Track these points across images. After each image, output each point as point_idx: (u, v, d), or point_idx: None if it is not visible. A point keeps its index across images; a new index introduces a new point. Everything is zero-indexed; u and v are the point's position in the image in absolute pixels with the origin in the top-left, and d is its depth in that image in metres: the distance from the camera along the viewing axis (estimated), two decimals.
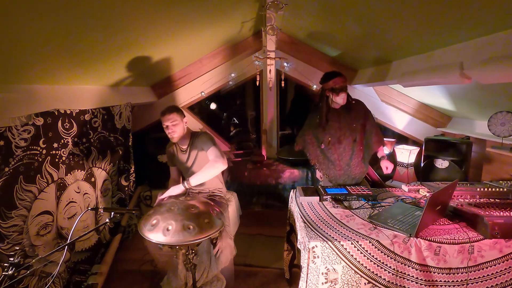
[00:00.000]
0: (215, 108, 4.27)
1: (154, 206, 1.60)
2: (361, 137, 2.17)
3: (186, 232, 1.29)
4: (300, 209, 1.73)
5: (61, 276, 1.90)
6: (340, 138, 2.14)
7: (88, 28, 1.42)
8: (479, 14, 1.36)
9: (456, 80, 1.72)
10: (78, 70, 1.89)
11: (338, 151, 2.16)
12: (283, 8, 2.17)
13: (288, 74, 3.50)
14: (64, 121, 1.92)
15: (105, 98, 2.39)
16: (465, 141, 2.62)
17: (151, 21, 1.73)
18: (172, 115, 1.96)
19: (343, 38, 2.70)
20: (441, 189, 1.42)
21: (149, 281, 2.24)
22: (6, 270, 1.00)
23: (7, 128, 1.50)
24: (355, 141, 2.16)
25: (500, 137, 2.24)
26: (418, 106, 3.26)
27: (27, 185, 1.64)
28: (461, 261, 1.37)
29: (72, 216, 2.04)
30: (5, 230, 1.51)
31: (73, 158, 2.05)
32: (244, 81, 3.75)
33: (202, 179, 1.90)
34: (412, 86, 2.42)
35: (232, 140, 4.23)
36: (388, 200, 1.83)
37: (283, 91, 3.93)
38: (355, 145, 2.16)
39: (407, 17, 1.70)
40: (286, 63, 2.98)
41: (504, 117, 2.18)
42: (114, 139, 2.52)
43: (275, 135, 3.89)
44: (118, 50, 1.90)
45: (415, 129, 3.46)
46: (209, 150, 1.96)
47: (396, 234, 1.41)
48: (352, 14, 2.03)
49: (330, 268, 1.36)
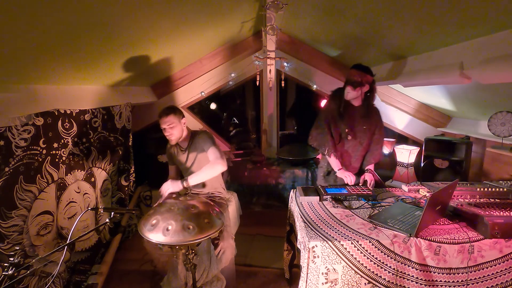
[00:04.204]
0: (215, 108, 4.28)
1: (154, 206, 1.59)
2: (367, 143, 2.14)
3: (186, 232, 1.29)
4: (300, 209, 1.73)
5: (61, 276, 1.90)
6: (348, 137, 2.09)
7: (88, 28, 1.41)
8: (479, 14, 1.36)
9: (456, 80, 1.72)
10: (78, 70, 1.89)
11: (342, 149, 2.13)
12: (283, 8, 2.17)
13: (288, 74, 3.50)
14: (64, 121, 1.92)
15: (105, 98, 2.39)
16: (465, 141, 2.62)
17: (151, 21, 1.73)
18: (169, 118, 1.93)
19: (343, 38, 2.70)
20: (441, 189, 1.42)
21: (149, 281, 2.24)
22: (6, 270, 1.00)
23: (7, 128, 1.50)
24: (362, 145, 2.12)
25: (500, 137, 2.24)
26: (418, 106, 3.26)
27: (27, 185, 1.64)
28: (461, 261, 1.37)
29: (72, 216, 2.04)
30: (5, 230, 1.51)
31: (73, 158, 2.05)
32: (244, 81, 3.75)
33: (200, 179, 1.90)
34: (412, 86, 2.42)
35: (232, 140, 4.23)
36: (388, 200, 1.83)
37: (283, 91, 3.93)
38: (360, 149, 2.13)
39: (407, 17, 1.70)
40: (286, 63, 2.98)
41: (504, 117, 2.18)
42: (114, 139, 2.52)
43: (275, 135, 3.89)
44: (118, 50, 1.90)
45: (415, 129, 3.46)
46: (209, 150, 1.95)
47: (396, 234, 1.41)
48: (352, 14, 2.03)
49: (330, 268, 1.36)
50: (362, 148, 2.14)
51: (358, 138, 2.11)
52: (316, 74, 3.56)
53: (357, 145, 2.13)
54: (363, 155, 2.18)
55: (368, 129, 2.11)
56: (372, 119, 2.12)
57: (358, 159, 2.17)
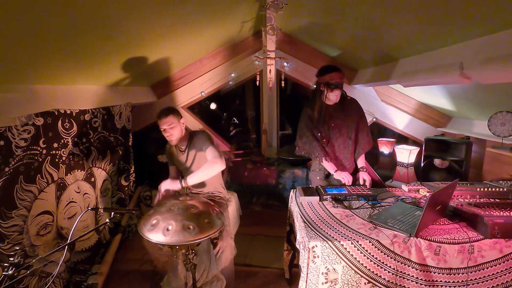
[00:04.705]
0: (215, 108, 4.27)
1: (154, 206, 1.59)
2: (355, 135, 2.15)
3: (186, 232, 1.29)
4: (300, 209, 1.73)
5: (61, 276, 1.90)
6: (335, 135, 2.11)
7: (88, 28, 1.41)
8: (479, 14, 1.36)
9: (456, 80, 1.72)
10: (78, 70, 1.89)
11: (334, 149, 2.14)
12: (283, 8, 2.17)
13: (288, 74, 3.50)
14: (64, 121, 1.92)
15: (105, 98, 2.39)
16: (465, 141, 2.62)
17: (151, 21, 1.73)
18: (169, 118, 1.92)
19: (343, 38, 2.70)
20: (441, 189, 1.42)
21: (149, 281, 2.24)
22: (6, 270, 1.00)
23: (7, 128, 1.50)
24: (351, 138, 2.14)
25: (500, 137, 2.24)
26: (418, 106, 3.26)
27: (27, 185, 1.64)
28: (461, 261, 1.37)
29: (72, 216, 2.04)
30: (5, 230, 1.51)
31: (73, 158, 2.05)
32: (244, 81, 3.75)
33: (199, 179, 1.90)
34: (412, 86, 2.41)
35: (232, 140, 4.23)
36: (388, 200, 1.83)
37: (283, 91, 3.93)
38: (350, 143, 2.14)
39: (407, 17, 1.70)
40: (286, 63, 2.98)
41: (504, 117, 2.18)
42: (114, 139, 2.52)
43: (275, 135, 3.89)
44: (118, 50, 1.90)
45: (415, 129, 3.46)
46: (207, 150, 1.95)
47: (396, 234, 1.41)
48: (352, 14, 2.03)
49: (330, 268, 1.36)
50: (352, 141, 2.15)
51: (345, 133, 2.12)
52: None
53: (347, 140, 2.13)
54: (354, 148, 2.18)
55: (351, 121, 2.12)
56: (352, 110, 2.13)
57: (351, 153, 2.16)
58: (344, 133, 2.12)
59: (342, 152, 2.15)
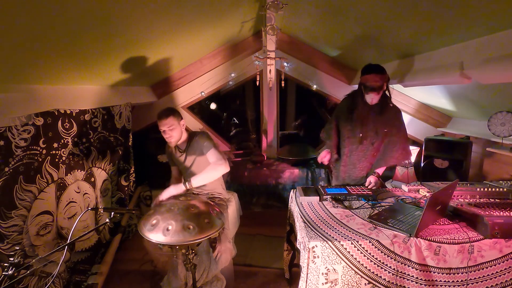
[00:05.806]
0: (215, 108, 4.27)
1: (153, 207, 1.59)
2: (380, 144, 2.04)
3: (186, 232, 1.29)
4: (300, 209, 1.73)
5: (61, 276, 1.90)
6: (359, 135, 2.03)
7: (88, 28, 1.41)
8: (479, 14, 1.36)
9: (456, 80, 1.72)
10: (78, 70, 1.89)
11: (351, 147, 2.09)
12: (283, 8, 2.17)
13: (288, 74, 3.50)
14: (64, 121, 1.92)
15: (105, 98, 2.39)
16: (465, 141, 2.62)
17: (151, 21, 1.73)
18: (169, 120, 1.89)
19: (343, 38, 2.70)
20: (441, 189, 1.42)
21: (149, 281, 2.24)
22: (6, 270, 1.00)
23: (7, 128, 1.50)
24: (373, 145, 2.04)
25: (500, 137, 2.23)
26: (418, 106, 3.25)
27: (27, 185, 1.64)
28: (461, 261, 1.37)
29: (72, 216, 2.04)
30: (5, 230, 1.51)
31: (73, 158, 2.05)
32: (244, 81, 3.75)
33: (204, 181, 1.90)
34: (412, 86, 2.41)
35: (232, 140, 4.23)
36: (388, 200, 1.83)
37: (283, 91, 3.93)
38: (370, 149, 2.05)
39: (407, 17, 1.70)
40: (286, 63, 2.98)
41: (504, 117, 2.17)
42: (114, 139, 2.52)
43: (275, 135, 3.89)
44: (118, 50, 1.90)
45: (415, 129, 3.46)
46: (209, 153, 1.94)
47: (396, 234, 1.41)
48: (352, 14, 2.03)
49: (330, 268, 1.36)
50: (373, 148, 2.05)
51: (369, 138, 2.03)
52: (316, 74, 3.56)
53: (367, 145, 2.05)
54: (374, 155, 2.08)
55: (380, 128, 2.00)
56: (388, 119, 1.99)
57: (367, 159, 2.09)
58: (367, 137, 2.02)
59: (357, 153, 2.08)
